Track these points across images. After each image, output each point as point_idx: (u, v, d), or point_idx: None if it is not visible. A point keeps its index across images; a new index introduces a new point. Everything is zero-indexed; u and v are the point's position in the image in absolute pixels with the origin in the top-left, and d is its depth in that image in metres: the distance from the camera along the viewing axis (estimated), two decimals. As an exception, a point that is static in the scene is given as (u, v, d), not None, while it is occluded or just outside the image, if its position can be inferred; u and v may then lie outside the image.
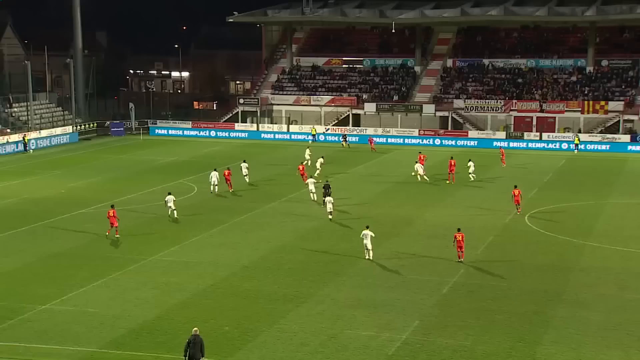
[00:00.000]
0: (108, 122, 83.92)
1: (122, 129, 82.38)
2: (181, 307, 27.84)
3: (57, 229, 39.27)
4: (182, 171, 57.52)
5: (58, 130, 76.84)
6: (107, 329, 25.65)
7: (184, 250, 35.43)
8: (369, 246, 33.47)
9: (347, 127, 78.56)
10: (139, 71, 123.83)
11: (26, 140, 69.65)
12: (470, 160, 54.56)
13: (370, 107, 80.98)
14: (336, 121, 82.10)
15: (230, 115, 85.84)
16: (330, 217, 41.38)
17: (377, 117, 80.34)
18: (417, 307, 27.96)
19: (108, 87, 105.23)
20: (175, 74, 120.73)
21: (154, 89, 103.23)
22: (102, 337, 25.02)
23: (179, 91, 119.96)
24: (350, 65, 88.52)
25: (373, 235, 33.55)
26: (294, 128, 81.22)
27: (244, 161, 53.35)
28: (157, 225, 40.42)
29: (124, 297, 28.71)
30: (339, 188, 51.46)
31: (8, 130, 72.69)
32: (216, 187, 48.12)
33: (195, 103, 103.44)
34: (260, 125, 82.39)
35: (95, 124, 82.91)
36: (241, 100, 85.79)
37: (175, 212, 41.48)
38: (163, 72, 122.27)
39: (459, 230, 33.72)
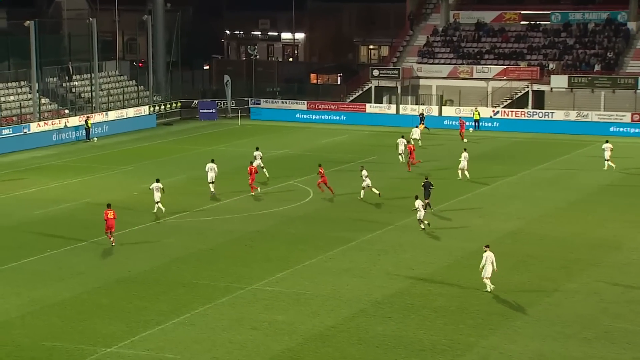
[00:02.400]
0: (196, 102, 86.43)
1: (214, 110, 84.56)
2: (290, 355, 28.07)
3: (126, 245, 40.65)
4: (293, 169, 58.26)
5: (130, 112, 79.86)
6: (190, 383, 26.27)
7: (295, 277, 35.79)
8: (489, 273, 33.59)
9: (424, 107, 78.16)
10: (238, 32, 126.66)
11: (89, 125, 72.77)
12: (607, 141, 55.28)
13: (559, 81, 79.17)
14: (509, 101, 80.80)
15: (360, 92, 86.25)
16: (422, 227, 42.09)
17: (570, 95, 78.47)
18: (626, 370, 26.98)
19: (197, 53, 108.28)
20: (286, 35, 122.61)
21: (258, 56, 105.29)
22: (184, 393, 25.66)
23: (291, 59, 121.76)
24: (532, 22, 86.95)
25: (494, 260, 33.57)
26: (448, 111, 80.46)
27: (257, 149, 54.64)
28: (260, 243, 41.10)
29: (214, 340, 29.26)
30: (509, 196, 50.58)
31: (66, 111, 76.23)
32: (212, 185, 49.96)
33: (312, 76, 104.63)
34: (401, 106, 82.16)
35: (178, 104, 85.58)
36: (375, 72, 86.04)
37: (160, 205, 44.76)
38: (270, 34, 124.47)
39: None
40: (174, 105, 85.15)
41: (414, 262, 37.70)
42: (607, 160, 56.78)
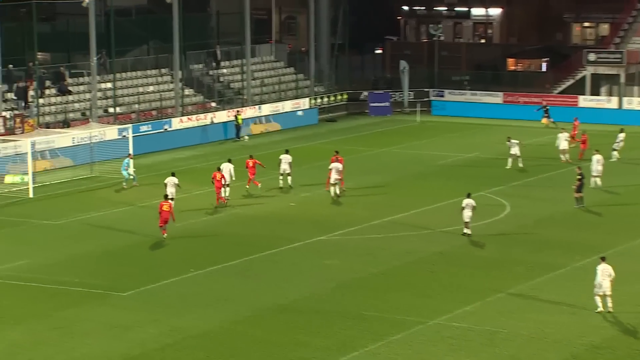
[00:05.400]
0: (365, 93, 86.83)
1: (387, 103, 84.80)
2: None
3: (282, 266, 41.25)
4: (484, 176, 57.84)
5: (287, 105, 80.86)
6: None
7: (487, 311, 35.50)
8: (608, 291, 34.38)
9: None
10: (417, 8, 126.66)
11: (240, 121, 74.08)
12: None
13: None
14: None
15: (572, 81, 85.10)
16: (466, 231, 45.05)
17: None
18: None
19: (368, 34, 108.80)
20: (477, 11, 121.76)
21: (442, 38, 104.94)
22: None
23: (483, 41, 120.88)
24: None
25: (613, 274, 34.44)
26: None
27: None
28: (443, 267, 40.96)
29: (387, 386, 29.35)
30: None
31: (213, 104, 77.88)
32: (227, 189, 52.09)
33: (510, 61, 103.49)
34: (625, 99, 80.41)
35: (345, 96, 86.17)
36: (592, 56, 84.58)
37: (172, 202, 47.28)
38: (457, 9, 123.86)
39: None
40: (339, 97, 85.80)
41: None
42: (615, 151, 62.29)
